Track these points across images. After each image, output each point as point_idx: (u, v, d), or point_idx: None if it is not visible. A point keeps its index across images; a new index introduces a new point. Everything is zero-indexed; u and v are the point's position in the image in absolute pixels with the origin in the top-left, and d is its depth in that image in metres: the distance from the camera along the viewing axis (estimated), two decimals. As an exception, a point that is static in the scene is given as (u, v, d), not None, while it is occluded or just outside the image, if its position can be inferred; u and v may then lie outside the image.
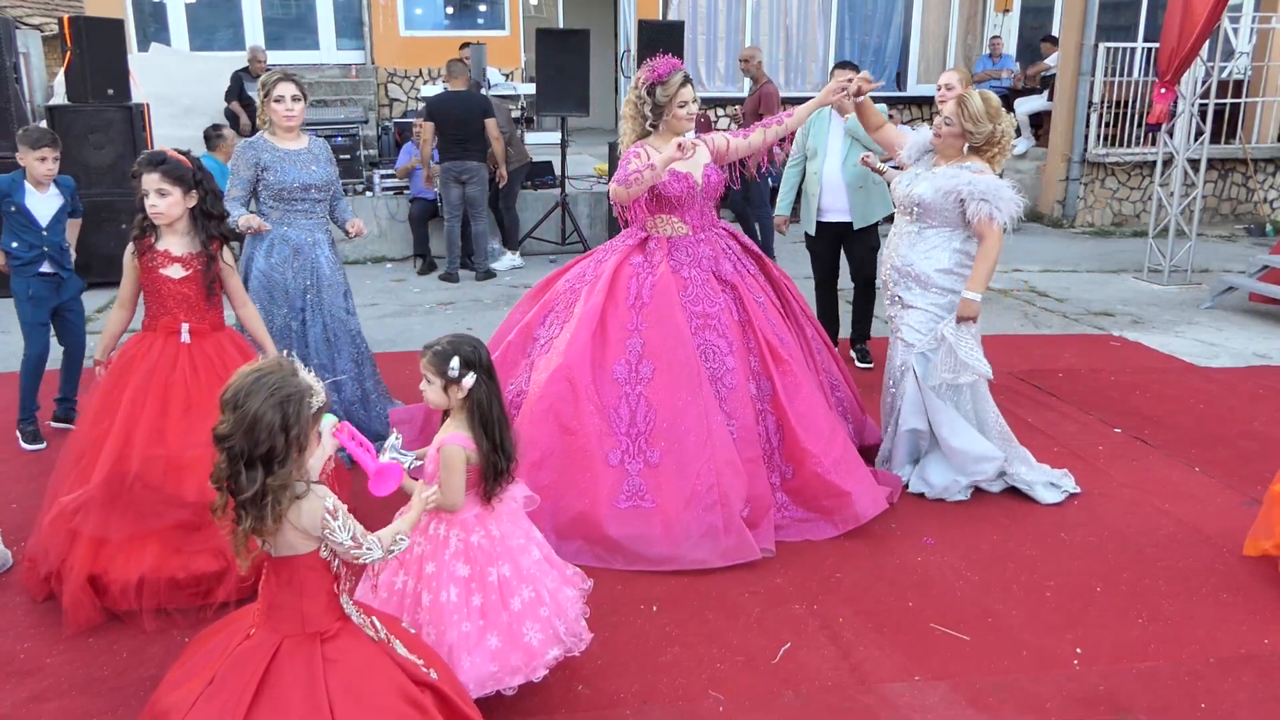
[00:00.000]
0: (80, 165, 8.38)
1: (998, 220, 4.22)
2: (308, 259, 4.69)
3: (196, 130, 9.65)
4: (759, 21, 13.39)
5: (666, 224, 4.27)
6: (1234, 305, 8.05)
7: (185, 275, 3.62)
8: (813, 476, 4.12)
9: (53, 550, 3.46)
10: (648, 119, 4.17)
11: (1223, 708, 3.08)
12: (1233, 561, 3.95)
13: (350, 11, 12.78)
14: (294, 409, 2.25)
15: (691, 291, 4.17)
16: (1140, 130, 11.47)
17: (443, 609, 2.86)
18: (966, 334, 4.32)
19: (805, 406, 4.18)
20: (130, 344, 3.67)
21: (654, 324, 4.04)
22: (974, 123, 4.26)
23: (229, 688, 2.30)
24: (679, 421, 3.92)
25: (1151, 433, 5.30)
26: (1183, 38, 8.09)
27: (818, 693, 3.14)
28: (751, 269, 4.43)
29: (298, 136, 4.71)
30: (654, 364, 4.00)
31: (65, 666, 3.22)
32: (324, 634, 2.38)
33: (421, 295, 8.47)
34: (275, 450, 2.23)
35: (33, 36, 12.69)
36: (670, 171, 4.12)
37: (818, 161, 6.11)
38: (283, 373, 2.30)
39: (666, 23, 10.93)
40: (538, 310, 4.41)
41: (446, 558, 2.90)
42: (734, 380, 4.12)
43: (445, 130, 8.67)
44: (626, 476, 3.91)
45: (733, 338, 4.17)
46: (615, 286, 4.16)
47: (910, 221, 4.46)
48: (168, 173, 3.52)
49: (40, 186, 4.86)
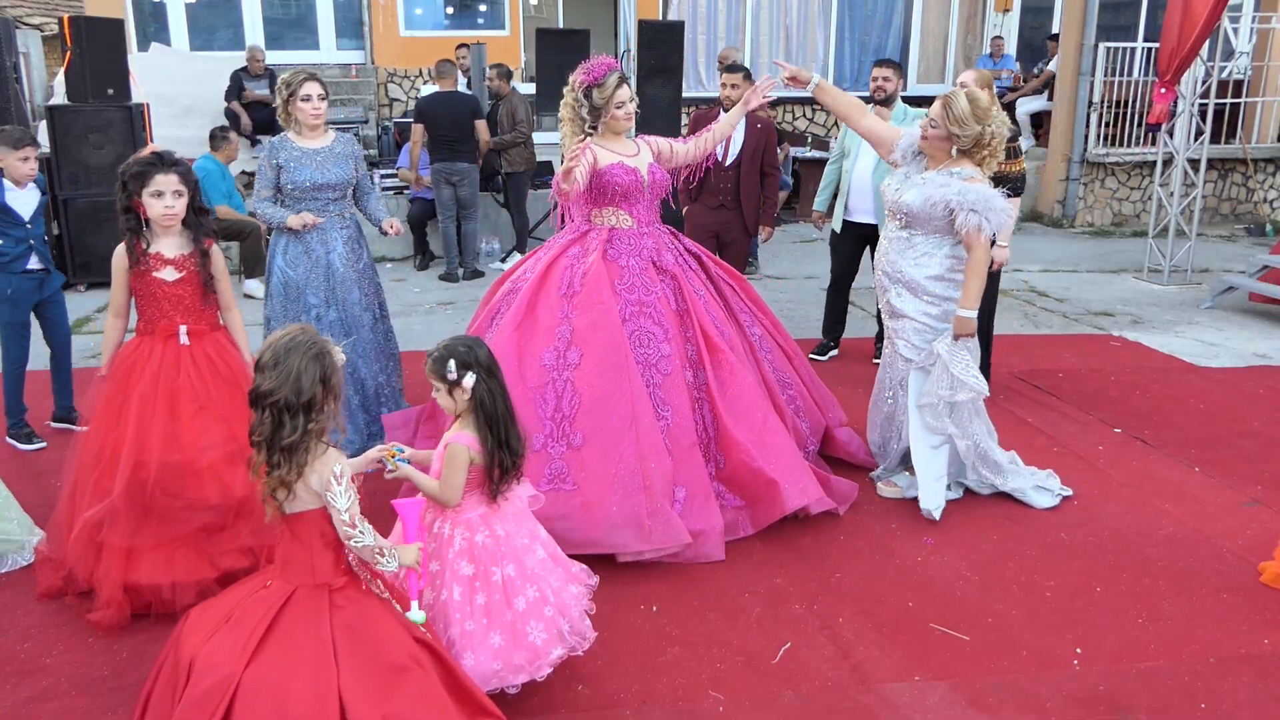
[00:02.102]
0: (80, 165, 8.39)
1: (986, 232, 4.11)
2: (319, 256, 4.73)
3: (196, 130, 9.67)
4: (759, 21, 13.39)
5: (612, 215, 4.27)
6: (1234, 305, 8.05)
7: (180, 277, 3.60)
8: (741, 465, 4.11)
9: (81, 565, 3.47)
10: (586, 121, 4.17)
11: (1223, 708, 3.08)
12: (1233, 561, 3.95)
13: (350, 11, 12.77)
14: (329, 361, 2.53)
15: (627, 280, 4.17)
16: (1140, 130, 11.47)
17: (445, 606, 2.88)
18: (961, 350, 4.23)
19: (736, 395, 4.18)
20: (128, 349, 3.64)
21: (583, 311, 4.04)
22: (959, 125, 4.09)
23: (244, 624, 2.51)
24: (603, 406, 3.90)
25: (1151, 433, 5.30)
26: (1183, 38, 8.09)
27: (818, 693, 3.14)
28: (693, 265, 4.44)
29: (323, 134, 4.75)
30: (581, 350, 3.99)
31: (65, 666, 3.22)
32: (332, 585, 2.58)
33: (421, 295, 8.48)
34: (315, 399, 2.49)
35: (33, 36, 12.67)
36: (619, 164, 4.15)
37: (850, 161, 6.19)
38: (309, 334, 2.57)
39: (666, 23, 10.92)
40: (485, 315, 4.42)
41: (451, 556, 2.91)
42: (669, 367, 4.11)
43: (435, 131, 8.69)
44: (549, 460, 3.89)
45: (669, 325, 4.16)
46: (549, 276, 4.17)
47: (900, 227, 4.35)
48: (184, 175, 3.55)
49: (20, 185, 4.83)
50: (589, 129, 4.19)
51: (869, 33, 13.64)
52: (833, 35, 13.51)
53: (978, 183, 4.14)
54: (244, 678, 2.42)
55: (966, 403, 4.27)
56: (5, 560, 3.83)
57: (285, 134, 4.74)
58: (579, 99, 4.16)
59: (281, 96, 4.69)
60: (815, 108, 13.45)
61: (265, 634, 2.48)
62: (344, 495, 2.51)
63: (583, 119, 4.17)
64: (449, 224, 8.98)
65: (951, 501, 4.42)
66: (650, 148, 4.37)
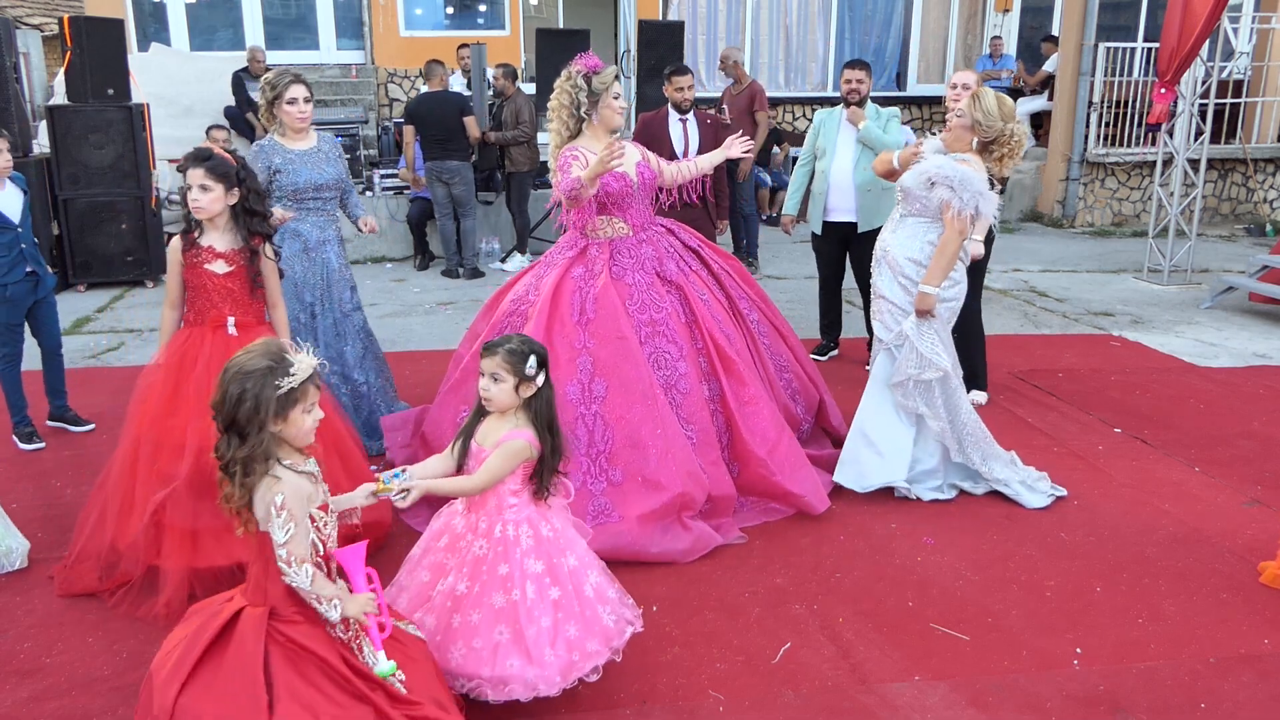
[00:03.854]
0: (80, 165, 8.40)
1: (955, 206, 4.16)
2: (318, 255, 4.75)
3: (196, 130, 9.67)
4: (759, 21, 13.39)
5: (608, 225, 4.26)
6: (1234, 305, 8.05)
7: (229, 270, 3.69)
8: (758, 479, 4.19)
9: (143, 550, 3.49)
10: (582, 106, 4.15)
11: (1223, 708, 3.08)
12: (1233, 561, 3.94)
13: (350, 11, 12.78)
14: (254, 384, 2.42)
15: (637, 298, 4.17)
16: (1140, 130, 11.48)
17: (516, 607, 2.86)
18: (929, 329, 4.28)
19: (751, 408, 4.23)
20: (179, 338, 3.71)
21: (602, 340, 4.02)
22: (986, 115, 4.28)
23: (194, 645, 2.49)
24: (637, 437, 3.93)
25: (1151, 433, 5.30)
26: (1183, 38, 8.09)
27: (818, 693, 3.14)
28: (694, 265, 4.45)
29: (306, 136, 4.75)
30: (606, 381, 4.00)
31: (65, 666, 3.22)
32: (279, 612, 2.51)
33: (422, 295, 8.47)
34: (238, 421, 2.42)
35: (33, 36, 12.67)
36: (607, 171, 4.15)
37: (826, 161, 6.16)
38: (255, 354, 2.48)
39: (666, 23, 10.93)
40: (489, 332, 4.40)
41: (518, 556, 2.91)
42: (688, 385, 4.14)
43: (425, 132, 8.75)
44: (591, 497, 3.93)
45: (682, 342, 4.18)
46: (558, 303, 4.13)
47: (898, 208, 4.49)
48: (212, 169, 3.59)
49: None
50: (583, 115, 4.16)
51: (869, 33, 13.64)
52: (833, 35, 13.51)
53: (971, 167, 4.24)
54: (176, 707, 2.41)
55: (935, 382, 4.31)
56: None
57: (271, 137, 4.71)
58: (578, 84, 4.15)
59: (266, 97, 4.66)
60: (815, 108, 13.46)
61: (200, 659, 2.45)
62: (282, 529, 2.44)
63: (579, 104, 4.15)
64: (446, 222, 9.02)
65: (951, 501, 4.43)
66: (637, 150, 4.37)
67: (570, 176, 4.03)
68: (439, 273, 9.20)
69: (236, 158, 3.70)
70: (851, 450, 4.47)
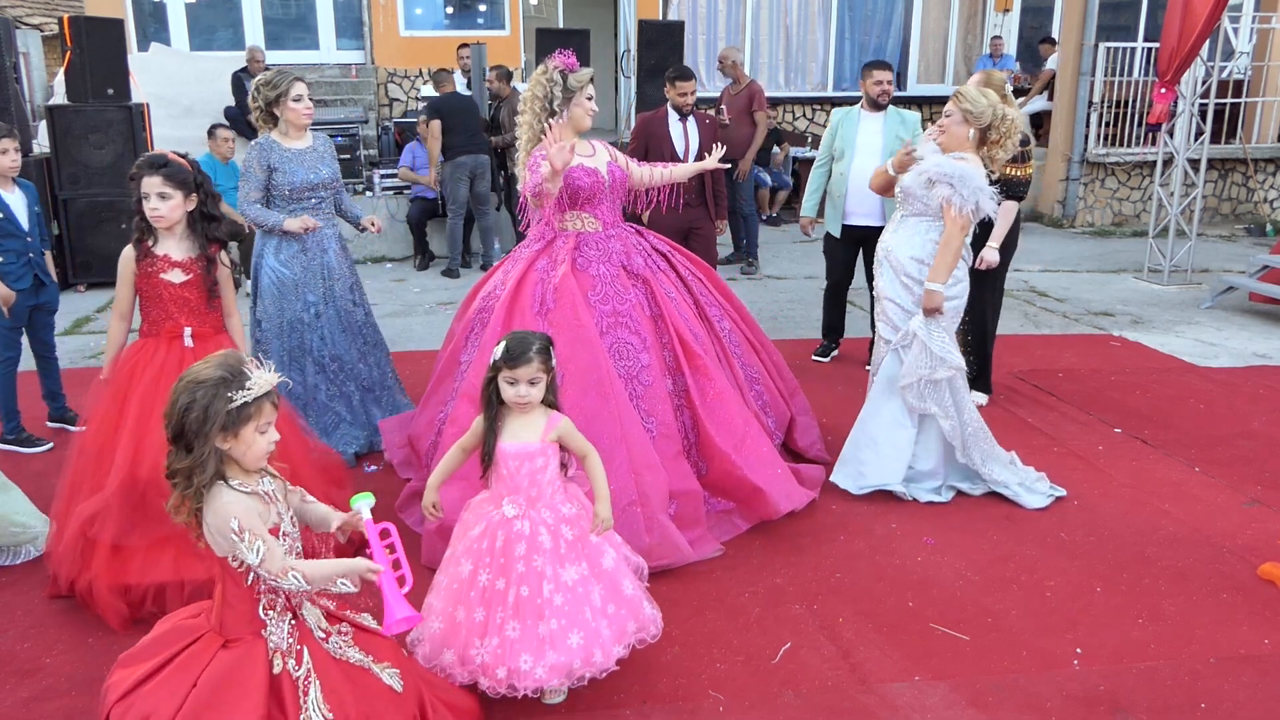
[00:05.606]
0: (80, 165, 8.40)
1: (955, 204, 4.16)
2: (315, 253, 4.75)
3: (196, 130, 9.66)
4: (759, 21, 13.39)
5: (577, 219, 4.25)
6: (1234, 305, 8.05)
7: (186, 279, 3.61)
8: (724, 474, 4.13)
9: (71, 560, 3.45)
10: (555, 100, 4.13)
11: (1223, 708, 3.08)
12: (1233, 561, 3.94)
13: (350, 11, 12.78)
14: (205, 395, 2.32)
15: (600, 290, 4.14)
16: (1140, 130, 11.48)
17: (549, 601, 2.91)
18: (937, 327, 4.28)
19: (717, 403, 4.18)
20: (132, 350, 3.64)
21: (559, 330, 3.97)
22: (971, 102, 4.25)
23: (143, 662, 2.48)
24: (590, 427, 3.84)
25: (1151, 433, 5.30)
26: (1183, 38, 8.09)
27: (818, 693, 3.14)
28: (662, 265, 4.43)
29: (303, 135, 4.74)
30: (562, 371, 3.93)
31: (65, 666, 3.22)
32: (229, 639, 2.43)
33: (422, 295, 8.48)
34: (185, 431, 2.33)
35: (33, 36, 12.68)
36: (578, 167, 4.13)
37: (845, 163, 5.99)
38: (211, 364, 2.38)
39: (666, 23, 10.93)
40: (462, 332, 4.39)
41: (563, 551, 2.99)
42: (650, 377, 4.10)
43: (453, 127, 8.74)
44: None
45: (646, 334, 4.14)
46: (519, 295, 4.11)
47: (898, 209, 4.48)
48: (169, 176, 3.52)
49: (4, 182, 4.74)
50: (555, 109, 4.14)
51: (869, 33, 13.64)
52: (833, 35, 13.51)
53: (969, 164, 4.23)
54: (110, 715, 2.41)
55: (945, 381, 4.30)
56: (21, 552, 3.83)
57: (269, 136, 4.70)
58: (553, 78, 4.13)
59: (266, 97, 4.63)
60: (815, 108, 13.47)
61: (146, 677, 2.42)
62: (251, 550, 2.33)
63: (551, 98, 4.13)
64: (457, 220, 9.01)
65: (951, 502, 4.43)
66: (606, 149, 4.37)
67: (538, 174, 4.02)
68: (439, 273, 9.20)
69: (190, 162, 3.62)
70: (852, 450, 4.47)
